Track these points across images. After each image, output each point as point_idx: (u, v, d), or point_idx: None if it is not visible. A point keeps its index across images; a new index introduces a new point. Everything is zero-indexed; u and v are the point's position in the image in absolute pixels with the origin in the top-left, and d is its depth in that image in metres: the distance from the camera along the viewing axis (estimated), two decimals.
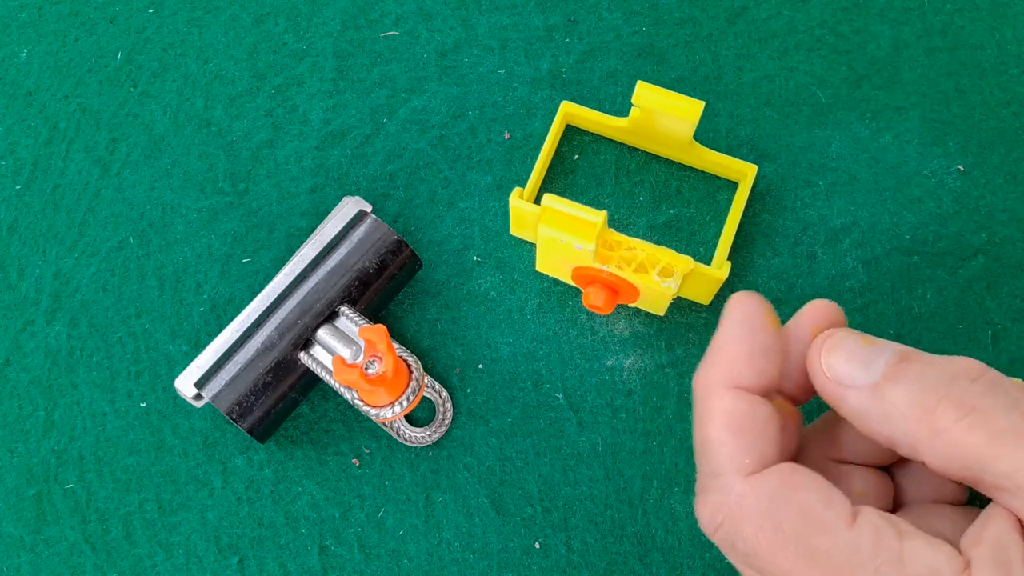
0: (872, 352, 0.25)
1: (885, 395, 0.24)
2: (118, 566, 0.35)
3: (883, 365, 0.24)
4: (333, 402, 0.36)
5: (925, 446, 0.23)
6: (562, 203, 0.32)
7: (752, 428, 0.25)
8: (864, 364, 0.24)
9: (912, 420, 0.23)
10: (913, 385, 0.23)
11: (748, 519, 0.24)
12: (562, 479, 0.35)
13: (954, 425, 0.23)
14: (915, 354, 0.24)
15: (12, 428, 0.37)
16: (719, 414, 0.26)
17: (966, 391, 0.23)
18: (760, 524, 0.24)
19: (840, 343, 0.25)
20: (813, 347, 0.26)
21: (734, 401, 0.26)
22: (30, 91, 0.42)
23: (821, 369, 0.25)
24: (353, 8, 0.43)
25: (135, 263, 0.39)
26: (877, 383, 0.24)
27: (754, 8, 0.42)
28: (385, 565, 0.34)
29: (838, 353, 0.25)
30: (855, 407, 0.25)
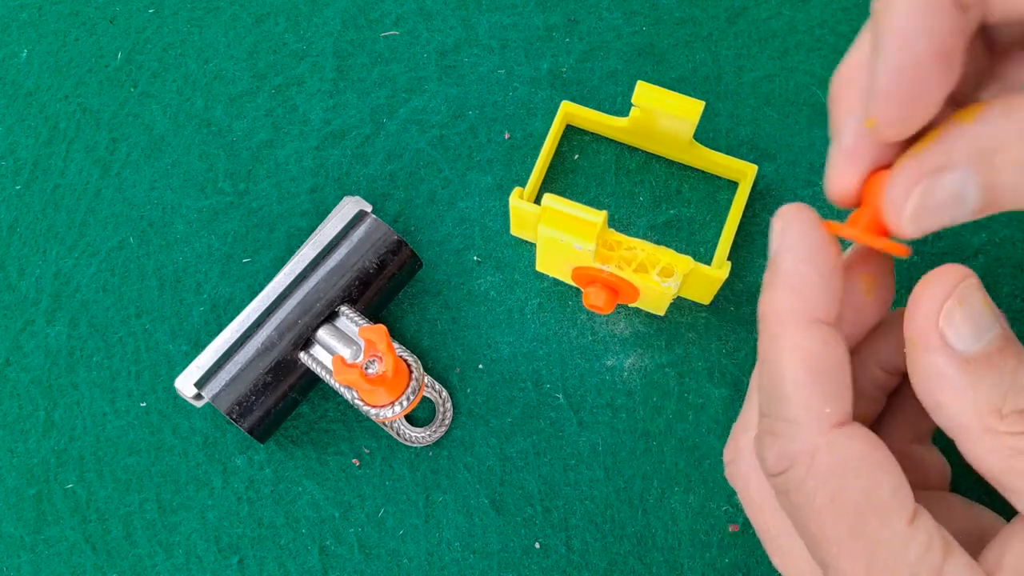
0: (988, 321, 0.22)
1: (974, 374, 0.22)
2: (118, 566, 0.35)
3: (987, 341, 0.22)
4: (333, 402, 0.36)
5: (973, 439, 0.22)
6: (562, 203, 0.32)
7: (832, 371, 0.23)
8: (976, 331, 0.22)
9: (981, 410, 0.22)
10: (1003, 378, 0.22)
11: (815, 475, 0.23)
12: (562, 479, 0.35)
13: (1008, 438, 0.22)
14: (1013, 344, 0.23)
15: (12, 428, 0.37)
16: (796, 352, 0.23)
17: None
18: (825, 484, 0.23)
19: (969, 296, 0.22)
20: (935, 286, 0.23)
21: (812, 338, 0.23)
22: (30, 91, 0.42)
23: (937, 315, 0.22)
24: (353, 8, 0.43)
25: (135, 263, 0.39)
26: (975, 359, 0.22)
27: (754, 8, 0.42)
28: (385, 565, 0.34)
29: (964, 307, 0.22)
30: (938, 366, 0.22)
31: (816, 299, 0.24)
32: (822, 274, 0.24)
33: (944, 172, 0.22)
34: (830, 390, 0.23)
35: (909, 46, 0.21)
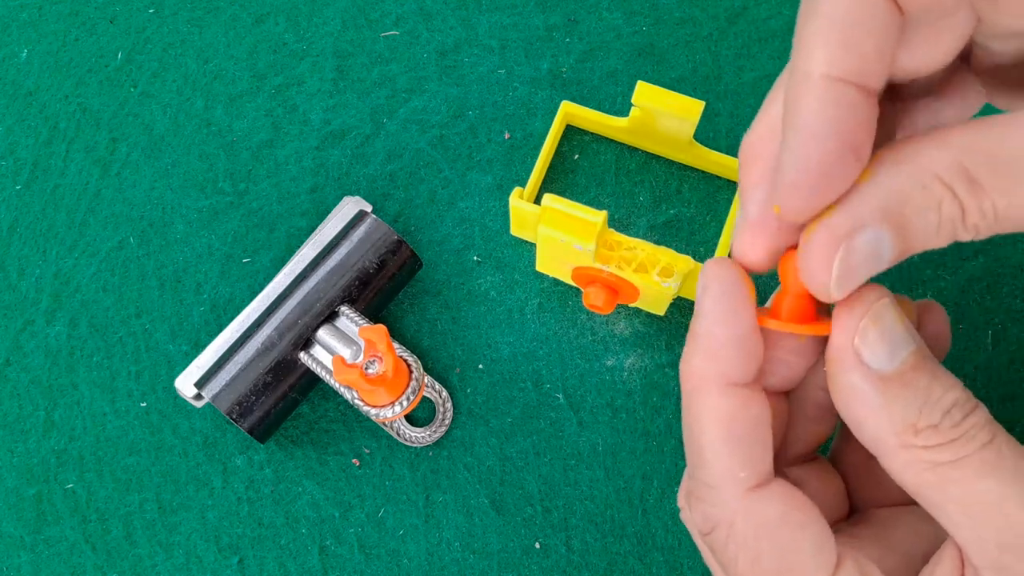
0: (903, 339, 0.23)
1: (889, 392, 0.23)
2: (118, 566, 0.35)
3: (902, 359, 0.23)
4: (333, 402, 0.36)
5: (891, 455, 0.23)
6: (562, 203, 0.32)
7: (747, 435, 0.24)
8: (891, 349, 0.23)
9: (896, 427, 0.23)
10: (919, 395, 0.22)
11: (735, 540, 0.24)
12: (562, 479, 0.35)
13: (923, 452, 0.22)
14: (927, 359, 0.23)
15: (12, 428, 0.37)
16: (712, 419, 0.24)
17: (956, 427, 0.22)
18: (745, 549, 0.24)
19: (884, 315, 0.23)
20: (854, 305, 0.23)
21: (727, 403, 0.24)
22: (30, 91, 0.42)
23: (852, 334, 0.23)
24: (353, 8, 0.43)
25: (135, 263, 0.39)
26: (889, 377, 0.23)
27: (754, 8, 0.42)
28: (385, 565, 0.34)
29: (877, 326, 0.23)
30: (854, 385, 0.23)
31: (731, 363, 0.24)
32: (737, 337, 0.24)
33: (856, 234, 0.23)
34: (746, 454, 0.24)
35: (817, 144, 0.21)
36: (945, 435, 0.22)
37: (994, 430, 0.22)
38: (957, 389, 0.23)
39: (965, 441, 0.22)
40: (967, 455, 0.22)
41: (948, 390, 0.23)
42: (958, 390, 0.23)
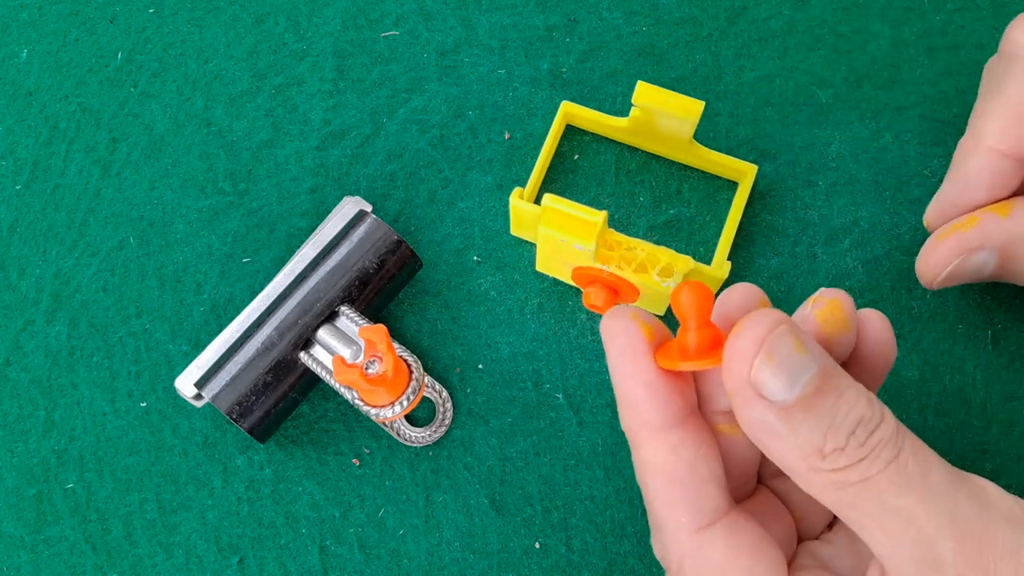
0: (800, 363, 0.22)
1: (792, 420, 0.22)
2: (118, 566, 0.35)
3: (802, 386, 0.22)
4: (333, 402, 0.36)
5: (803, 479, 0.23)
6: (562, 203, 0.32)
7: (683, 479, 0.24)
8: (790, 379, 0.22)
9: (803, 452, 0.22)
10: (822, 420, 0.22)
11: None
12: (562, 479, 0.35)
13: (832, 475, 0.22)
14: (831, 379, 0.23)
15: (12, 428, 0.37)
16: (648, 468, 0.25)
17: (862, 447, 0.22)
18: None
19: (778, 346, 0.22)
20: (742, 342, 0.23)
21: (657, 452, 0.24)
22: (30, 91, 0.42)
23: (747, 374, 0.23)
24: (353, 8, 0.43)
25: (135, 263, 0.39)
26: (790, 406, 0.22)
27: (754, 8, 0.42)
28: (385, 565, 0.34)
29: (772, 360, 0.22)
30: (756, 418, 0.23)
31: (650, 412, 0.24)
32: (646, 386, 0.24)
33: (977, 252, 0.32)
34: (684, 498, 0.24)
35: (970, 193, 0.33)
36: (852, 456, 0.22)
37: (900, 443, 0.22)
38: (862, 404, 0.23)
39: (871, 460, 0.22)
40: (875, 474, 0.22)
41: (853, 407, 0.22)
42: (863, 405, 0.23)
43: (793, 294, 0.37)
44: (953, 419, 0.35)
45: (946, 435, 0.35)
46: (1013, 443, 0.35)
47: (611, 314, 0.25)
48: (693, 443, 0.25)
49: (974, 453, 0.35)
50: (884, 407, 0.23)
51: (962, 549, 0.22)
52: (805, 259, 0.38)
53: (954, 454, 0.35)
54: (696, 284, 0.24)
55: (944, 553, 0.22)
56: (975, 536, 0.22)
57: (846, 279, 0.38)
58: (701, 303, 0.24)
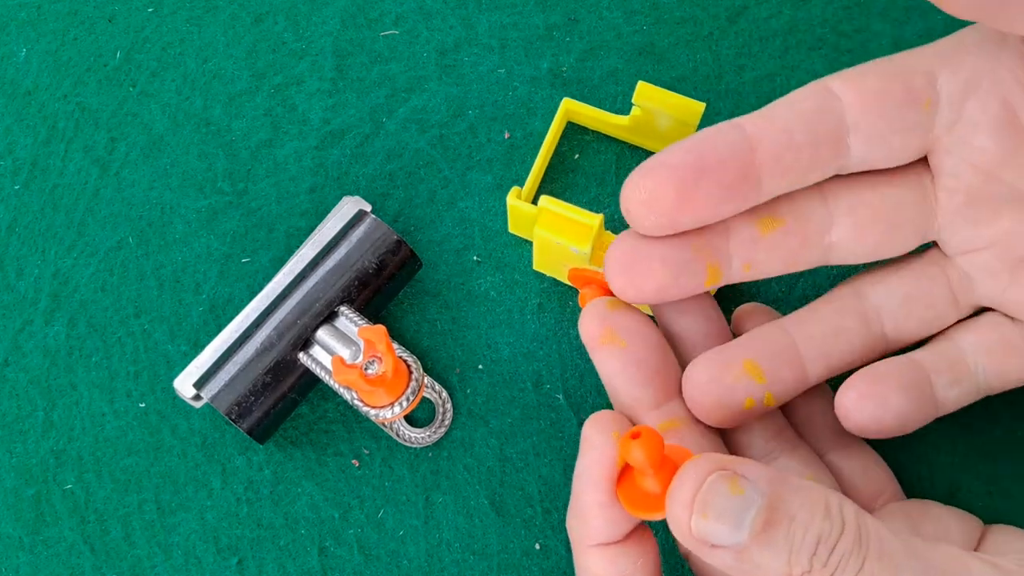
0: (741, 504, 0.23)
1: (751, 558, 0.23)
2: (117, 567, 0.35)
3: (750, 525, 0.22)
4: (333, 402, 0.36)
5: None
6: (559, 205, 0.32)
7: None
8: (734, 522, 0.22)
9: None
10: (780, 550, 0.22)
11: None
12: (563, 480, 0.35)
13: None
14: (779, 506, 0.23)
15: (11, 428, 0.37)
16: (587, 574, 0.26)
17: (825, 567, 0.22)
18: None
19: (710, 500, 0.23)
20: (677, 501, 0.23)
21: (598, 562, 0.26)
22: (29, 90, 0.42)
23: (689, 530, 0.23)
24: (353, 7, 0.43)
25: (134, 263, 0.39)
26: (745, 546, 0.22)
27: (755, 7, 0.42)
28: (385, 566, 0.34)
29: (709, 514, 0.23)
30: (719, 563, 0.23)
31: (598, 528, 0.26)
32: (603, 506, 0.25)
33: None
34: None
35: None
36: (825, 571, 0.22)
37: (864, 552, 0.22)
38: (817, 520, 0.23)
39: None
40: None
41: (808, 528, 0.22)
42: (818, 521, 0.23)
43: (793, 294, 0.37)
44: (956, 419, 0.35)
45: (949, 429, 0.35)
46: (1017, 434, 0.35)
47: (595, 423, 0.26)
48: (631, 557, 0.26)
49: (975, 454, 0.35)
50: (845, 507, 0.23)
51: None
52: None
53: (961, 447, 0.35)
54: (645, 432, 0.24)
55: None
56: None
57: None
58: (653, 450, 0.24)
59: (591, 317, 0.29)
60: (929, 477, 0.35)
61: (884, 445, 0.33)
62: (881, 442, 0.35)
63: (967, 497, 0.34)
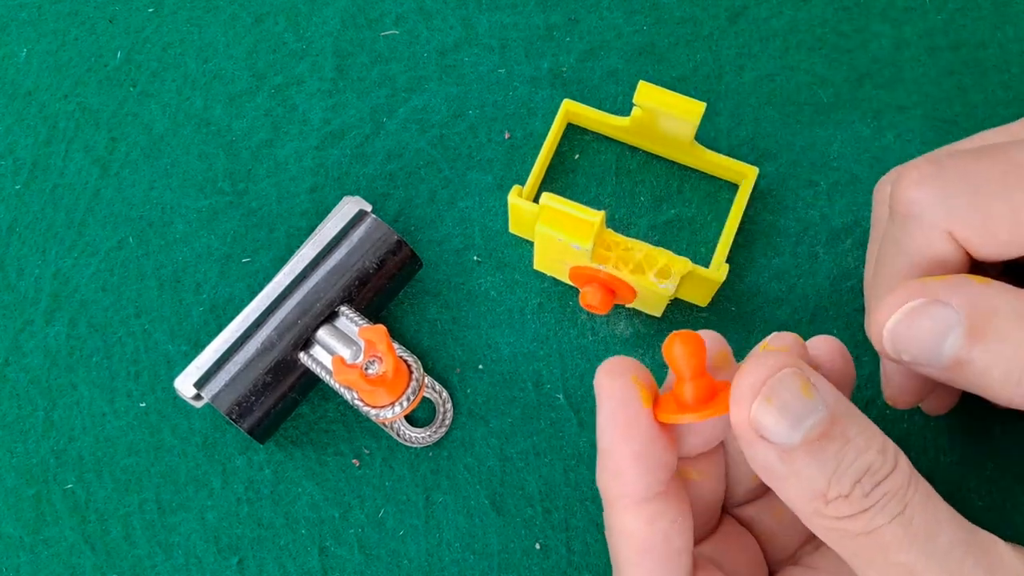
0: (806, 409, 0.22)
1: (795, 463, 0.22)
2: (117, 567, 0.35)
3: (806, 429, 0.22)
4: (333, 402, 0.36)
5: (807, 519, 0.23)
6: (560, 202, 0.32)
7: (655, 551, 0.24)
8: (793, 421, 0.22)
9: (806, 496, 0.22)
10: (827, 465, 0.22)
11: None
12: (563, 480, 0.35)
13: (834, 522, 0.22)
14: (839, 423, 0.22)
15: (11, 428, 0.37)
16: (624, 535, 0.25)
17: (866, 497, 0.22)
18: None
19: (780, 389, 0.22)
20: (747, 381, 0.22)
21: (634, 523, 0.24)
22: (29, 91, 0.42)
23: (748, 413, 0.22)
24: (353, 7, 0.43)
25: (134, 263, 0.39)
26: (794, 449, 0.22)
27: (755, 7, 0.42)
28: (385, 566, 0.34)
29: (773, 402, 0.22)
30: (760, 458, 0.23)
31: (634, 482, 0.24)
32: (636, 454, 0.24)
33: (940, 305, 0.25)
34: (656, 569, 0.24)
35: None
36: (855, 505, 0.22)
37: (908, 497, 0.22)
38: (871, 452, 0.22)
39: (876, 512, 0.22)
40: (879, 527, 0.22)
41: (861, 455, 0.22)
42: (872, 453, 0.22)
43: (794, 294, 0.37)
44: (956, 419, 0.35)
45: (949, 429, 0.35)
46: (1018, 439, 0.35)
47: (608, 371, 0.25)
48: (670, 514, 0.25)
49: (977, 453, 0.35)
50: (900, 456, 0.22)
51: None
52: (806, 259, 0.38)
53: (960, 447, 0.35)
54: (688, 335, 0.23)
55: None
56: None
57: (847, 279, 0.37)
58: (694, 354, 0.23)
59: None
60: (929, 477, 0.35)
61: None
62: None
63: (967, 497, 0.34)
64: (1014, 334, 0.24)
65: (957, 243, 0.26)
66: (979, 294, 0.24)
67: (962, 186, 0.26)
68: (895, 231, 0.28)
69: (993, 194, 0.25)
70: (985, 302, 0.24)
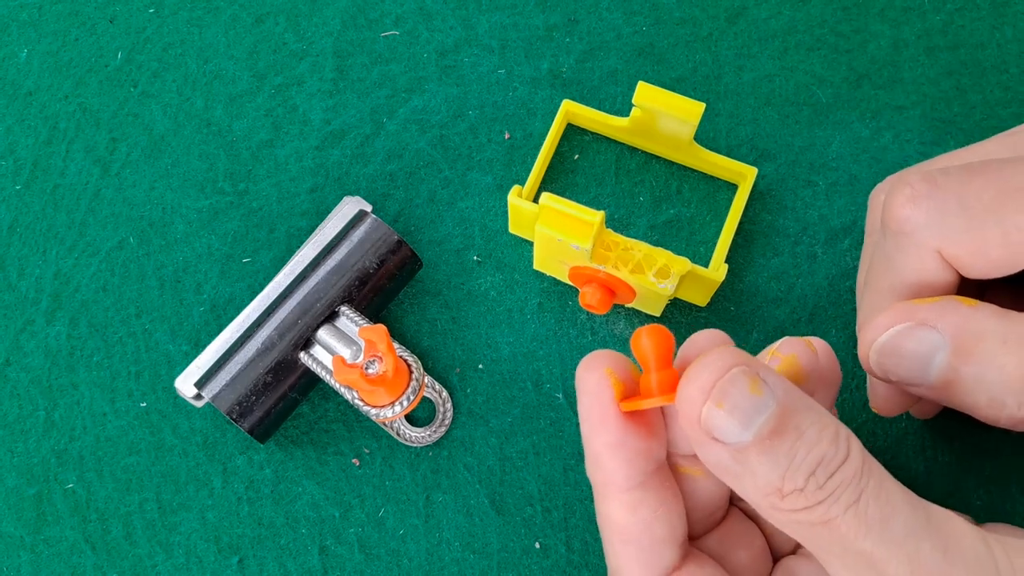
0: (756, 407, 0.22)
1: (748, 461, 0.22)
2: (118, 566, 0.35)
3: (757, 427, 0.22)
4: (333, 402, 0.36)
5: (763, 511, 0.23)
6: (560, 202, 0.32)
7: (641, 538, 0.25)
8: (744, 421, 0.22)
9: (762, 492, 0.22)
10: (780, 461, 0.22)
11: None
12: (562, 479, 0.35)
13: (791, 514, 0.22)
14: (791, 417, 0.22)
15: (12, 428, 0.37)
16: (608, 522, 0.25)
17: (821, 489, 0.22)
18: None
19: (730, 391, 0.22)
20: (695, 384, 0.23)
21: (617, 510, 0.25)
22: (30, 91, 0.42)
23: (698, 417, 0.22)
24: (353, 8, 0.43)
25: (135, 263, 0.39)
26: (746, 448, 0.22)
27: (754, 8, 0.42)
28: (385, 565, 0.34)
29: (724, 405, 0.22)
30: (712, 459, 0.23)
31: (613, 472, 0.25)
32: (612, 445, 0.24)
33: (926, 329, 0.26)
34: (638, 556, 0.25)
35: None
36: (811, 498, 0.22)
37: (863, 485, 0.22)
38: (824, 443, 0.22)
39: (831, 503, 0.22)
40: (833, 518, 0.22)
41: (814, 447, 0.22)
42: (825, 443, 0.22)
43: (793, 294, 0.37)
44: (953, 419, 0.35)
45: (949, 429, 0.35)
46: (1012, 442, 0.35)
47: (586, 365, 0.25)
48: (652, 503, 0.25)
49: (975, 453, 0.35)
50: (852, 441, 0.23)
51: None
52: (805, 259, 0.38)
53: (959, 447, 0.35)
54: (654, 329, 0.24)
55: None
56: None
57: (846, 279, 0.37)
58: (659, 345, 0.24)
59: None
60: (926, 477, 0.35)
61: (883, 444, 0.34)
62: (880, 441, 0.35)
63: (967, 497, 0.35)
64: (999, 359, 0.24)
65: (947, 261, 0.27)
66: (966, 318, 0.25)
67: (955, 206, 0.26)
68: (887, 246, 0.28)
69: (986, 216, 0.26)
70: (972, 326, 0.25)
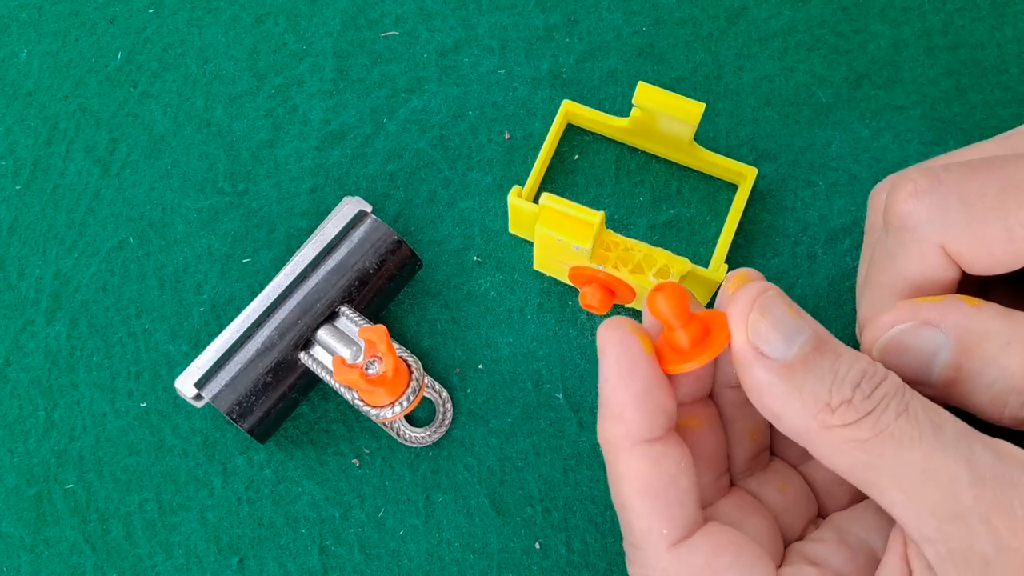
0: (795, 327, 0.23)
1: (795, 378, 0.23)
2: (118, 566, 0.35)
3: (799, 345, 0.23)
4: (333, 402, 0.36)
5: (815, 440, 0.23)
6: (560, 203, 0.32)
7: (664, 491, 0.24)
8: (787, 338, 0.23)
9: (811, 411, 0.23)
10: (825, 376, 0.23)
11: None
12: (562, 479, 0.35)
13: (844, 431, 0.23)
14: (828, 342, 0.23)
15: (12, 428, 0.37)
16: (628, 480, 0.25)
17: (869, 399, 0.22)
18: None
19: (770, 306, 0.23)
20: (739, 304, 0.24)
21: (639, 464, 0.24)
22: (30, 91, 0.42)
23: (745, 327, 0.23)
24: (353, 8, 0.43)
25: (135, 263, 0.39)
26: (792, 364, 0.23)
27: (754, 8, 0.42)
28: (385, 565, 0.34)
29: (767, 318, 0.23)
30: (761, 379, 0.23)
31: (637, 423, 0.24)
32: (637, 396, 0.24)
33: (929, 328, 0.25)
34: (665, 511, 0.24)
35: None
36: (860, 409, 0.22)
37: (908, 397, 0.23)
38: (863, 362, 0.23)
39: (881, 413, 0.22)
40: (886, 427, 0.22)
41: (854, 364, 0.23)
42: (863, 362, 0.23)
43: (793, 294, 0.37)
44: None
45: None
46: None
47: (609, 324, 0.25)
48: (675, 456, 0.25)
49: None
50: (891, 372, 0.23)
51: (984, 495, 0.22)
52: (805, 259, 0.38)
53: None
54: (666, 286, 0.24)
55: (965, 501, 0.22)
56: (995, 481, 0.22)
57: (846, 279, 0.37)
58: (678, 302, 0.24)
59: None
60: None
61: None
62: None
63: None
64: (1003, 359, 0.25)
65: (949, 257, 0.27)
66: (970, 318, 0.25)
67: (957, 202, 0.26)
68: (888, 242, 0.28)
69: (988, 212, 0.26)
70: (976, 326, 0.25)
